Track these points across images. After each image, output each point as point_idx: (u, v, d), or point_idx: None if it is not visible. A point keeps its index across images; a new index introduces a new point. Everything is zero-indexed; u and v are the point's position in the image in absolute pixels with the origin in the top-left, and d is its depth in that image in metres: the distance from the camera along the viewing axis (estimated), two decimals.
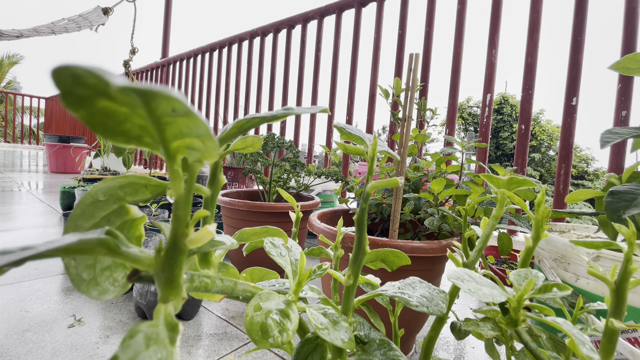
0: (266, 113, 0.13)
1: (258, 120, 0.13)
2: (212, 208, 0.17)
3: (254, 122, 0.13)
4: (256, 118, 0.13)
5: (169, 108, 0.08)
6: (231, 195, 0.98)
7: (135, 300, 0.71)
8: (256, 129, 2.20)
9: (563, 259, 0.48)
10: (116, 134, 0.09)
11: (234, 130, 0.13)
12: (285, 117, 0.13)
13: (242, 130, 0.13)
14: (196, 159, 0.11)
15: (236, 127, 0.13)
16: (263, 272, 0.33)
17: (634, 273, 0.23)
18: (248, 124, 0.13)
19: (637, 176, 0.56)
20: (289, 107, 0.13)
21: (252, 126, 0.13)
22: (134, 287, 0.73)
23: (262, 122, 0.13)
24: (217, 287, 0.16)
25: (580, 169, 12.68)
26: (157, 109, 0.08)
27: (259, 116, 0.13)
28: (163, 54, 3.32)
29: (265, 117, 0.13)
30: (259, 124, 0.13)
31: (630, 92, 1.08)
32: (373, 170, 0.20)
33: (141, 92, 0.07)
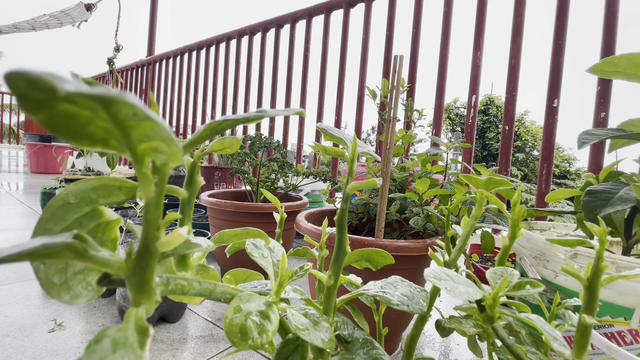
0: (239, 115, 0.13)
1: (231, 122, 0.13)
2: (189, 210, 0.17)
3: (227, 124, 0.13)
4: (229, 120, 0.13)
5: (130, 112, 0.08)
6: (218, 196, 0.97)
7: (119, 303, 0.70)
8: (244, 128, 2.18)
9: (542, 256, 0.49)
10: (80, 137, 0.09)
11: (206, 132, 0.13)
12: (258, 119, 0.13)
13: (216, 132, 0.13)
14: (163, 162, 0.11)
15: (208, 129, 0.13)
16: (247, 273, 0.33)
17: (605, 270, 0.24)
18: (221, 125, 0.13)
19: (613, 176, 0.58)
20: (262, 110, 0.13)
21: (225, 128, 0.13)
22: (117, 289, 0.72)
23: (236, 124, 0.13)
24: (194, 290, 0.16)
25: (562, 168, 13.05)
26: (118, 113, 0.08)
27: (231, 118, 0.13)
28: (149, 52, 3.26)
29: (238, 119, 0.13)
30: (232, 125, 0.13)
31: (609, 95, 1.12)
32: (353, 171, 0.20)
33: (98, 97, 0.07)
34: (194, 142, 0.13)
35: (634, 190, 0.47)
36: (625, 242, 0.52)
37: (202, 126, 0.13)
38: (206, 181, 1.40)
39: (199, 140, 0.13)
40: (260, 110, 0.13)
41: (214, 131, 0.13)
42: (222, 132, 0.13)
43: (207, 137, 0.13)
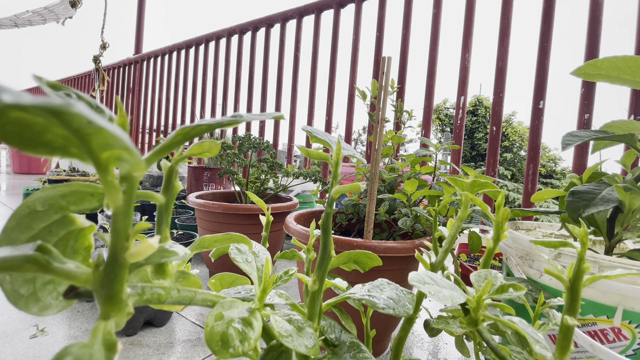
0: (212, 120, 0.13)
1: (205, 127, 0.12)
2: (167, 216, 0.17)
3: (200, 129, 0.12)
4: (203, 125, 0.12)
5: (84, 120, 0.07)
6: (206, 197, 0.96)
7: None
8: (234, 128, 2.16)
9: (528, 256, 0.50)
10: (36, 145, 0.08)
11: (179, 138, 0.12)
12: (233, 124, 0.13)
13: (189, 137, 0.13)
14: (126, 170, 0.10)
15: (181, 135, 0.12)
16: (232, 277, 0.33)
17: (587, 271, 0.24)
18: (194, 131, 0.12)
19: (596, 177, 0.60)
20: (237, 114, 0.13)
21: (198, 133, 0.13)
22: None
23: (210, 129, 0.13)
24: (172, 298, 0.15)
25: (549, 168, 13.33)
26: (71, 122, 0.07)
27: (205, 123, 0.12)
28: (136, 50, 3.21)
29: (212, 125, 0.13)
30: (206, 130, 0.13)
31: (593, 97, 1.14)
32: (337, 175, 0.20)
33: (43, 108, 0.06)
34: (165, 148, 0.12)
35: (616, 191, 0.48)
36: (608, 241, 0.53)
37: (174, 132, 0.12)
38: (195, 182, 1.39)
39: (171, 146, 0.12)
40: (235, 115, 0.13)
41: (186, 136, 0.12)
42: (194, 137, 0.13)
43: (179, 143, 0.13)
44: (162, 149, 0.12)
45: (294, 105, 1.88)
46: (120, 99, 2.15)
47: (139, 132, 2.97)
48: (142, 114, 2.92)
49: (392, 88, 0.85)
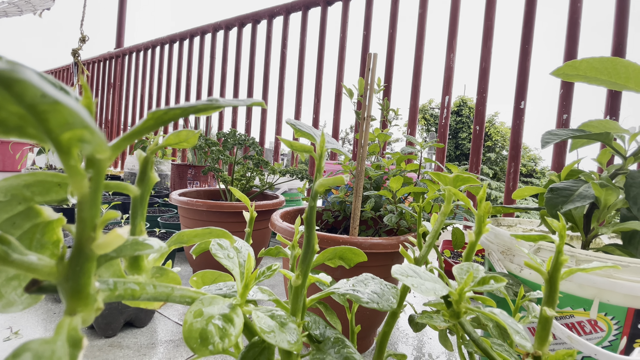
0: (186, 104, 0.12)
1: (179, 111, 0.12)
2: (142, 209, 0.16)
3: (174, 114, 0.12)
4: (177, 109, 0.12)
5: (38, 93, 0.07)
6: (189, 195, 0.94)
7: None
8: (220, 124, 2.13)
9: (509, 251, 0.51)
10: None
11: (150, 122, 0.12)
12: (209, 109, 0.12)
13: (162, 122, 0.12)
14: (89, 153, 0.10)
15: (153, 119, 0.12)
16: (215, 274, 0.32)
17: (565, 264, 0.25)
18: (167, 115, 0.12)
19: (574, 174, 0.62)
20: (212, 98, 0.12)
21: (172, 118, 0.12)
22: None
23: (185, 114, 0.12)
24: (147, 295, 0.15)
25: (529, 167, 13.74)
26: (24, 95, 0.07)
27: (179, 107, 0.12)
28: (117, 44, 3.11)
29: (187, 109, 0.12)
30: (180, 115, 0.12)
31: (571, 97, 1.18)
32: (321, 168, 0.20)
33: None
34: (136, 133, 0.12)
35: (592, 187, 0.49)
36: (585, 236, 0.55)
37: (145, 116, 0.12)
38: (179, 179, 1.36)
39: (142, 131, 0.12)
40: (211, 99, 0.12)
41: (159, 121, 0.12)
42: (168, 122, 0.12)
43: (151, 128, 0.12)
44: (132, 134, 0.11)
45: (281, 103, 1.86)
46: (100, 94, 2.09)
47: (120, 129, 2.89)
48: (124, 110, 2.84)
49: (378, 86, 0.85)
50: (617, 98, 1.10)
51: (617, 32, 1.11)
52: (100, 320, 0.63)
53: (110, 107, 2.97)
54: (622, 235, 0.52)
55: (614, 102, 1.10)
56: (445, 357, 0.66)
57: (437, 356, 0.66)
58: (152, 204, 1.32)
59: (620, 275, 0.42)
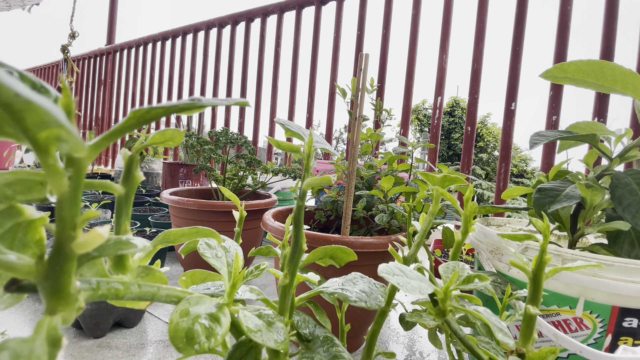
0: (169, 103, 0.12)
1: (162, 110, 0.12)
2: (126, 208, 0.16)
3: (157, 113, 0.12)
4: (160, 108, 0.12)
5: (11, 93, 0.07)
6: (181, 194, 0.93)
7: None
8: (212, 122, 2.11)
9: (497, 250, 0.52)
10: None
11: (132, 122, 0.12)
12: (191, 108, 0.12)
13: (144, 121, 0.12)
14: (67, 152, 0.09)
15: (135, 118, 0.12)
16: (205, 274, 0.32)
17: (549, 262, 0.25)
18: (149, 114, 0.12)
19: (561, 174, 0.63)
20: (195, 98, 0.12)
21: (154, 117, 0.12)
22: None
23: (167, 113, 0.12)
24: (131, 294, 0.15)
25: (520, 168, 13.94)
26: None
27: (161, 106, 0.12)
28: (108, 40, 3.07)
29: (169, 108, 0.12)
30: (162, 114, 0.12)
31: (560, 99, 1.20)
32: (310, 167, 0.20)
33: None
34: (117, 132, 0.11)
35: (579, 188, 0.50)
36: (571, 236, 0.56)
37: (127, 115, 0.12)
38: (170, 178, 1.34)
39: (124, 129, 0.12)
40: (194, 99, 0.12)
41: (141, 120, 0.12)
42: (150, 121, 0.12)
43: (133, 127, 0.12)
44: (113, 133, 0.11)
45: (275, 102, 1.86)
46: (91, 92, 2.06)
47: (110, 126, 2.85)
48: (115, 108, 2.80)
49: (371, 86, 0.85)
50: (604, 100, 1.12)
51: (606, 35, 1.13)
52: (88, 321, 0.62)
53: (100, 105, 2.93)
54: (608, 234, 0.53)
55: (601, 104, 1.12)
56: (436, 355, 0.67)
57: (428, 354, 0.67)
58: (143, 202, 1.31)
59: (605, 274, 0.43)
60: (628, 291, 0.41)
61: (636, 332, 0.43)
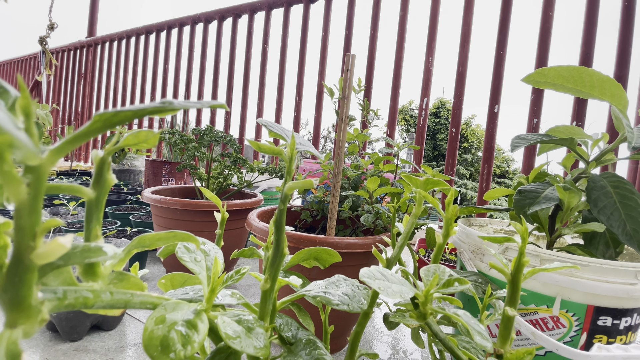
0: (138, 106, 0.11)
1: (131, 113, 0.11)
2: (97, 212, 0.15)
3: (125, 116, 0.11)
4: (128, 111, 0.11)
5: None
6: (163, 193, 0.91)
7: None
8: (197, 119, 2.08)
9: (479, 251, 0.53)
10: None
11: (98, 125, 0.11)
12: (161, 111, 0.12)
13: (111, 124, 0.11)
14: (20, 159, 0.09)
15: (101, 121, 0.11)
16: (185, 277, 0.31)
17: (527, 264, 0.26)
18: (117, 117, 0.11)
19: (541, 177, 0.64)
20: (166, 100, 0.12)
21: (122, 120, 0.11)
22: None
23: (136, 116, 0.12)
24: (102, 302, 0.14)
25: (502, 169, 14.31)
26: None
27: (130, 109, 0.11)
28: (89, 33, 2.97)
29: (138, 111, 0.11)
30: (131, 117, 0.11)
31: (541, 103, 1.24)
32: (292, 170, 0.20)
33: None
34: (81, 136, 0.11)
35: (557, 190, 0.52)
36: (549, 236, 0.58)
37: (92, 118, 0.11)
38: (153, 176, 1.31)
39: (89, 133, 0.11)
40: (164, 102, 0.12)
41: (107, 123, 0.11)
42: (117, 125, 0.12)
43: (99, 130, 0.11)
44: (77, 137, 0.11)
45: (262, 100, 1.84)
46: (70, 85, 1.99)
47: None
48: (96, 102, 2.71)
49: (359, 86, 0.86)
50: (583, 105, 1.16)
51: (585, 42, 1.17)
52: (64, 324, 0.60)
53: (80, 99, 2.83)
54: (584, 235, 0.55)
55: (580, 108, 1.16)
56: (419, 353, 0.68)
57: (411, 353, 0.68)
58: (125, 201, 1.27)
59: (580, 274, 0.44)
60: (603, 291, 0.43)
61: (610, 330, 0.45)
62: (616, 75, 1.12)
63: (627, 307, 0.44)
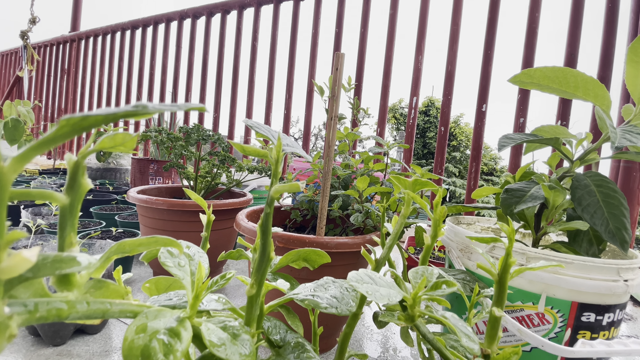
0: (109, 110, 0.11)
1: (101, 118, 0.11)
2: (71, 219, 0.14)
3: (95, 120, 0.11)
4: (99, 116, 0.11)
5: None
6: (149, 192, 0.89)
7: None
8: (185, 117, 2.04)
9: (467, 249, 0.53)
10: None
11: (66, 130, 0.10)
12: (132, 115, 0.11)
13: (79, 129, 0.11)
14: None
15: (68, 126, 0.10)
16: (170, 281, 0.30)
17: (513, 265, 0.26)
18: (85, 122, 0.11)
19: (527, 176, 0.65)
20: (139, 104, 0.11)
21: (92, 124, 0.11)
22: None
23: (107, 121, 0.11)
24: (78, 313, 0.13)
25: (490, 166, 14.56)
26: None
27: (100, 113, 0.11)
28: (73, 27, 2.88)
29: (109, 116, 0.11)
30: (102, 122, 0.11)
31: (527, 102, 1.26)
32: (278, 173, 0.19)
33: None
34: (47, 141, 0.10)
35: (542, 189, 0.53)
36: (535, 234, 0.59)
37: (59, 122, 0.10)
38: (140, 175, 1.29)
39: (56, 139, 0.10)
40: (137, 105, 0.11)
41: (76, 128, 0.11)
42: (87, 129, 0.11)
43: (67, 135, 0.11)
44: (42, 143, 0.10)
45: (251, 97, 1.82)
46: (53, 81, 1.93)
47: None
48: (80, 99, 2.64)
49: (349, 85, 0.85)
50: (567, 105, 1.19)
51: (570, 42, 1.19)
52: (46, 328, 0.58)
53: (64, 95, 2.75)
54: (568, 233, 0.56)
55: (565, 108, 1.18)
56: (409, 351, 0.68)
57: (400, 351, 0.68)
58: (110, 200, 1.24)
59: (565, 272, 0.45)
60: (586, 287, 0.44)
61: (594, 326, 0.46)
62: (600, 76, 1.14)
63: (610, 303, 0.45)
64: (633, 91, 0.51)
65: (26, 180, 1.50)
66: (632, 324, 0.90)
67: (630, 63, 0.50)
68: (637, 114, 0.53)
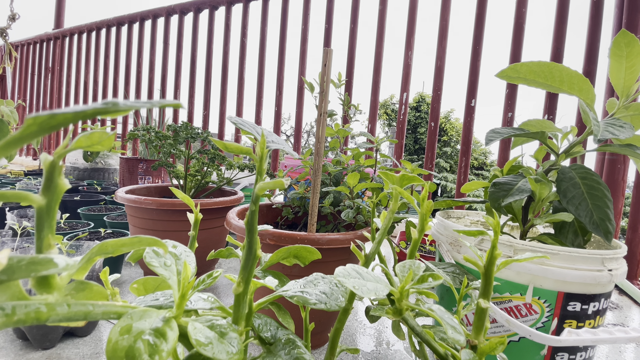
0: (78, 108, 0.11)
1: (70, 116, 0.10)
2: (49, 220, 0.14)
3: (64, 118, 0.10)
4: (68, 114, 0.10)
5: None
6: (138, 192, 0.88)
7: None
8: (175, 115, 2.01)
9: (456, 242, 0.54)
10: None
11: (33, 129, 0.10)
12: (106, 112, 0.11)
13: (49, 128, 0.10)
14: None
15: (36, 125, 0.10)
16: (158, 281, 0.30)
17: (498, 257, 0.26)
18: (54, 120, 0.10)
19: (515, 169, 0.66)
20: (109, 101, 0.11)
21: (61, 123, 0.10)
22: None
23: (76, 119, 0.11)
24: (58, 315, 0.13)
25: (480, 160, 14.74)
26: None
27: (69, 111, 0.10)
28: (56, 24, 2.81)
29: (79, 113, 0.10)
30: (71, 120, 0.11)
31: (515, 97, 1.27)
32: (263, 170, 0.19)
33: None
34: (15, 141, 0.10)
35: (529, 182, 0.54)
36: (522, 226, 0.60)
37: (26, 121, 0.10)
38: (129, 175, 1.27)
39: (24, 138, 0.10)
40: (107, 102, 0.11)
41: (43, 126, 0.10)
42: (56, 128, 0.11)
43: (35, 134, 0.10)
44: (8, 143, 0.10)
45: (241, 94, 1.81)
46: (37, 79, 1.89)
47: None
48: (65, 98, 2.58)
49: (339, 81, 0.85)
50: (554, 99, 1.20)
51: (556, 37, 1.21)
52: (35, 331, 0.57)
53: (48, 94, 2.69)
54: (554, 225, 0.57)
55: (551, 103, 1.20)
56: (402, 344, 0.69)
57: (393, 344, 0.69)
58: (99, 201, 1.22)
59: (551, 263, 0.46)
60: (572, 277, 0.45)
61: (579, 315, 0.47)
62: (585, 71, 1.16)
63: (595, 292, 0.47)
64: (616, 85, 0.53)
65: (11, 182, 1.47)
66: (618, 312, 0.92)
67: (613, 57, 0.51)
68: (621, 108, 0.54)
